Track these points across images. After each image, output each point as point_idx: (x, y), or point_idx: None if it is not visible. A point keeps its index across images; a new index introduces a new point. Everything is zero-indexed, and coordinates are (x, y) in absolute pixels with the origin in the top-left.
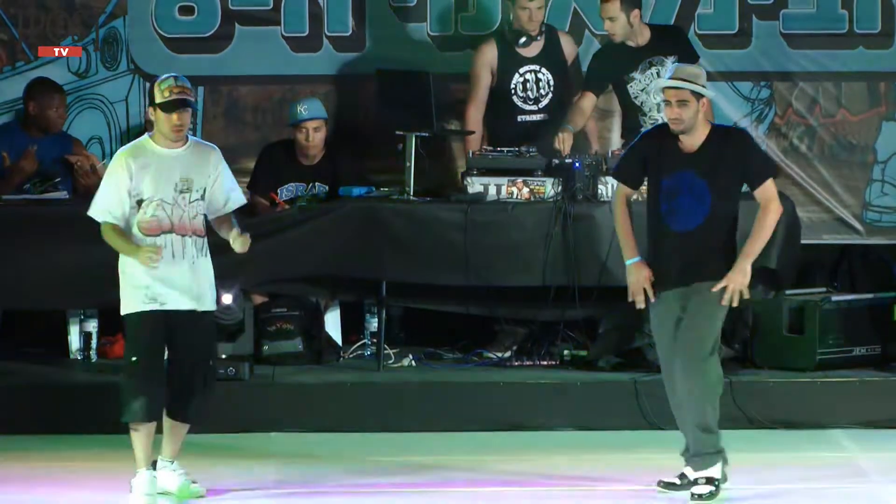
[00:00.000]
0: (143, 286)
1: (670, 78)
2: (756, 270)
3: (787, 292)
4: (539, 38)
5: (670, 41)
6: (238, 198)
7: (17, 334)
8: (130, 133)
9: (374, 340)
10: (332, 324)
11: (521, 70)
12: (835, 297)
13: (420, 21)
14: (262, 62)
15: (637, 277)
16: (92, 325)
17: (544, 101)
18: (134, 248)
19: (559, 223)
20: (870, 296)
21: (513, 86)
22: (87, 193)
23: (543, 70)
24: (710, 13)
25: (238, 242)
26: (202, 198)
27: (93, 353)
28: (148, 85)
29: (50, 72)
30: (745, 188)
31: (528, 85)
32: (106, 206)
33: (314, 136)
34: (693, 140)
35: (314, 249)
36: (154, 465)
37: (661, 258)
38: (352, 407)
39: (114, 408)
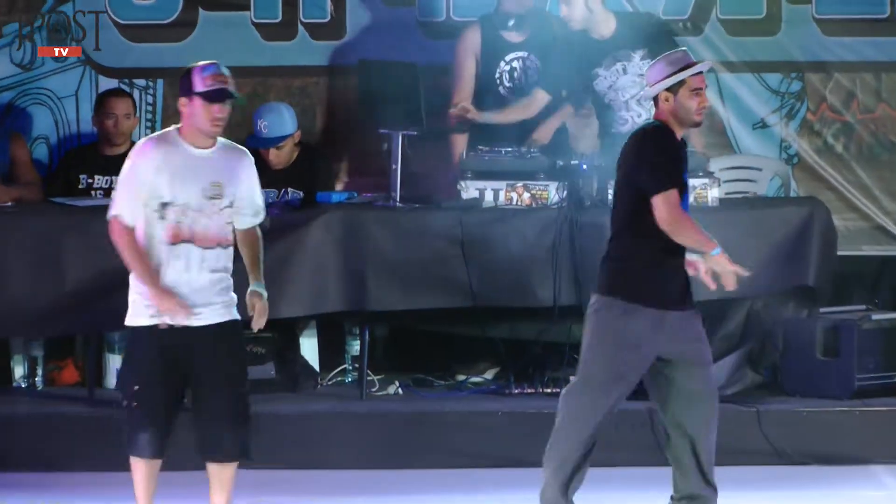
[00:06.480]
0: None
1: (695, 64)
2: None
3: (822, 310)
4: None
5: (639, 31)
6: (263, 210)
7: None
8: (81, 133)
9: (356, 365)
10: (309, 347)
11: (508, 58)
12: (875, 316)
13: (408, 6)
14: (230, 52)
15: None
16: (38, 350)
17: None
18: (154, 283)
19: (565, 232)
20: None
21: (498, 75)
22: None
23: (532, 57)
24: None
25: (257, 317)
26: (232, 205)
27: (38, 381)
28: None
29: None
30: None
31: (515, 74)
32: (123, 202)
33: (277, 155)
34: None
35: (287, 274)
36: None
37: None
38: (331, 440)
39: (61, 443)
